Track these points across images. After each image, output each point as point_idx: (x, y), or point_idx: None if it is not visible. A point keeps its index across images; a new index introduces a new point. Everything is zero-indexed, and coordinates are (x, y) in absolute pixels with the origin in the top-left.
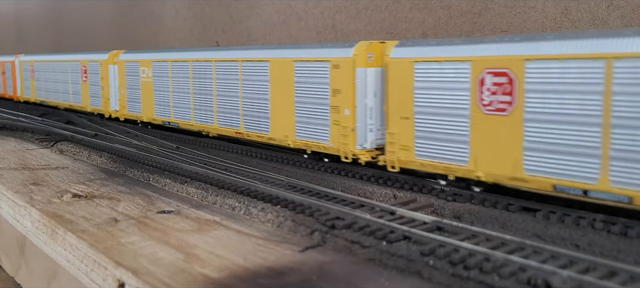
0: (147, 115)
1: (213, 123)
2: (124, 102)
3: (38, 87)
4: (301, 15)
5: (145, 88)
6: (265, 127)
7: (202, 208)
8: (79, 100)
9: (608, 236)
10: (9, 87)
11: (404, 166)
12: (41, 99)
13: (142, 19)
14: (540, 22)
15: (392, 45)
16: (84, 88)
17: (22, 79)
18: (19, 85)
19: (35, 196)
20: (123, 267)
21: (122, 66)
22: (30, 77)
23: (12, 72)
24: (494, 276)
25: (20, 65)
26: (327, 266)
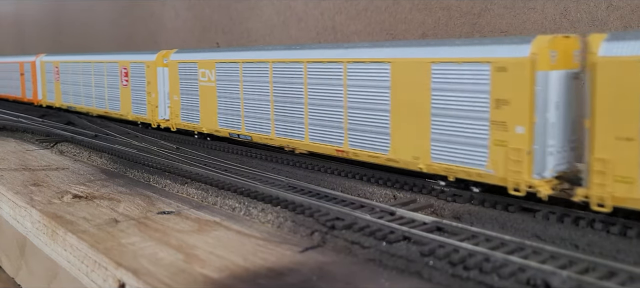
0: (208, 126)
1: (302, 137)
2: (176, 110)
3: (64, 91)
4: (301, 16)
5: (206, 94)
6: (384, 144)
7: (202, 209)
8: (118, 106)
9: (607, 236)
10: (29, 90)
11: (623, 205)
12: (68, 105)
13: (142, 19)
14: (540, 23)
15: (601, 39)
16: (124, 93)
17: (44, 81)
18: (41, 89)
19: (36, 197)
20: (123, 267)
21: (175, 68)
22: (55, 79)
23: (32, 74)
24: (494, 276)
25: (41, 66)
26: (327, 266)
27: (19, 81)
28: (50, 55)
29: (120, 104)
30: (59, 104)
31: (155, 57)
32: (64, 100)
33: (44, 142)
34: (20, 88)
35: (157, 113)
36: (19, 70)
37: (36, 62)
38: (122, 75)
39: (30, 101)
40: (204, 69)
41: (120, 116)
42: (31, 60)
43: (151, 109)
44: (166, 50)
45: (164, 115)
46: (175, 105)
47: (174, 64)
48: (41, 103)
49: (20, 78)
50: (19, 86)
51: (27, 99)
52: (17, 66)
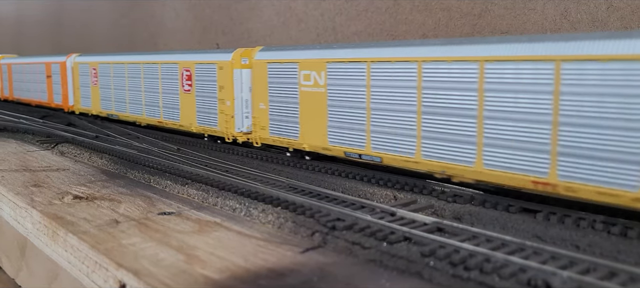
0: (312, 142)
1: (471, 161)
2: (263, 121)
3: (104, 97)
4: (301, 17)
5: (310, 102)
6: None
7: (202, 209)
8: (176, 116)
9: (608, 237)
10: (57, 95)
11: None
12: (109, 112)
13: (142, 20)
14: (540, 23)
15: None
16: (186, 100)
17: (77, 85)
18: (72, 93)
19: (36, 198)
20: (124, 268)
21: (262, 69)
22: (92, 83)
23: (62, 76)
24: (495, 277)
25: (74, 67)
26: (327, 267)
27: (45, 84)
28: (86, 56)
29: (181, 113)
30: (96, 111)
31: (232, 56)
32: (104, 107)
33: (45, 143)
34: (47, 92)
35: (234, 124)
36: (45, 72)
37: (67, 63)
38: (183, 79)
39: (58, 107)
40: (309, 71)
41: (180, 127)
42: (60, 60)
43: (225, 119)
44: (245, 48)
45: (241, 127)
46: (262, 115)
47: (260, 65)
48: (73, 109)
49: (46, 81)
50: (45, 90)
51: (54, 104)
52: (42, 67)
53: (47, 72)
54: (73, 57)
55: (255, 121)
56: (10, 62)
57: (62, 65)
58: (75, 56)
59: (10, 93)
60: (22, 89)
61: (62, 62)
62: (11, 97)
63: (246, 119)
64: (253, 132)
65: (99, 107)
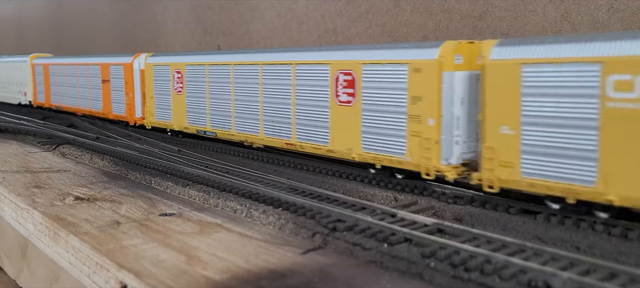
0: None
1: None
2: (509, 153)
3: (193, 108)
4: (302, 19)
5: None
6: None
7: (203, 211)
8: (324, 137)
9: (609, 238)
10: (118, 104)
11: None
12: (201, 128)
13: (143, 22)
14: (541, 25)
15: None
16: (341, 115)
17: (149, 92)
18: (142, 103)
19: (38, 199)
20: (125, 269)
21: (509, 74)
22: (175, 90)
23: (127, 81)
24: (495, 278)
25: (147, 70)
26: (328, 268)
27: (99, 91)
28: (164, 55)
29: (332, 134)
30: (179, 126)
31: (440, 53)
32: (193, 122)
33: (46, 145)
34: (103, 100)
35: (438, 153)
36: (100, 75)
37: (134, 64)
38: (338, 86)
39: (118, 118)
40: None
41: (330, 153)
42: (124, 61)
43: (422, 145)
44: (461, 41)
45: (449, 158)
46: (505, 145)
47: (505, 68)
48: (142, 123)
49: (102, 86)
50: (99, 97)
51: (114, 115)
52: (95, 70)
53: (104, 75)
54: (143, 57)
55: (490, 153)
56: (47, 63)
57: (127, 67)
58: (146, 56)
59: (46, 99)
60: (63, 95)
61: (127, 63)
62: (47, 104)
63: (457, 145)
64: (485, 169)
65: (183, 121)
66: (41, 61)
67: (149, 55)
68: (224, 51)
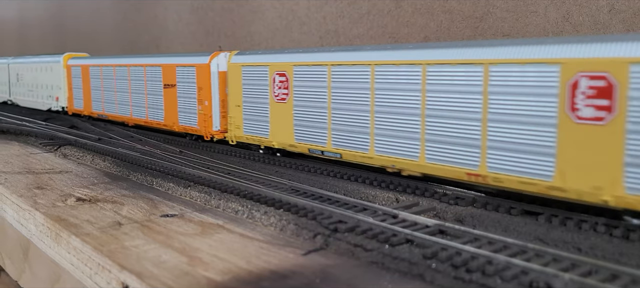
0: None
1: None
2: None
3: (304, 121)
4: (304, 20)
5: None
6: None
7: (205, 212)
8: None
9: (610, 239)
10: (187, 114)
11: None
12: (324, 148)
13: (145, 23)
14: (542, 26)
15: (233, 54)
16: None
17: (235, 99)
18: (220, 114)
19: (40, 200)
20: (127, 270)
21: None
22: (278, 97)
23: (201, 87)
24: (496, 279)
25: (231, 71)
26: (329, 269)
27: (159, 97)
28: (258, 54)
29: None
30: (283, 143)
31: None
32: (309, 140)
33: (48, 146)
34: (165, 109)
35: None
36: (161, 79)
37: (212, 65)
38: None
39: (188, 131)
40: None
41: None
42: (198, 62)
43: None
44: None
45: None
46: None
47: None
48: (221, 137)
49: (163, 92)
50: (160, 105)
51: (181, 127)
52: (157, 72)
53: (167, 78)
54: (223, 56)
55: None
56: (87, 63)
57: (202, 69)
58: (230, 55)
59: (85, 106)
60: (109, 102)
61: (203, 64)
62: (87, 111)
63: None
64: None
65: (288, 138)
66: (79, 62)
67: (233, 53)
68: (355, 47)
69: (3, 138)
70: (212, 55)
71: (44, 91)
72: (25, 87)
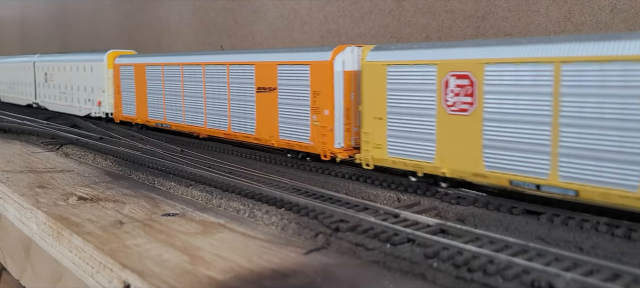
0: None
1: None
2: None
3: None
4: (305, 19)
5: None
6: None
7: (206, 211)
8: None
9: (612, 239)
10: (297, 126)
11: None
12: (547, 181)
13: (147, 23)
14: (544, 25)
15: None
16: None
17: (380, 109)
18: (344, 128)
19: (41, 199)
20: (129, 268)
21: None
22: (454, 107)
23: (320, 89)
24: (498, 278)
25: (374, 72)
26: (331, 268)
27: (250, 104)
28: (412, 49)
29: None
30: (465, 169)
31: None
32: (515, 166)
33: (49, 145)
34: (257, 118)
35: None
36: (254, 81)
37: (336, 63)
38: None
39: (295, 147)
40: None
41: None
42: (317, 58)
43: None
44: None
45: None
46: None
47: None
48: (357, 159)
49: (256, 98)
50: (251, 113)
51: (282, 142)
52: (247, 72)
53: (262, 80)
54: (350, 51)
55: None
56: (143, 62)
57: (320, 68)
58: (364, 50)
59: (139, 112)
60: (174, 109)
61: (323, 62)
62: (141, 118)
63: None
64: None
65: (474, 162)
66: (131, 61)
67: (369, 48)
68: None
69: (5, 137)
70: (335, 49)
71: (81, 94)
72: (56, 89)
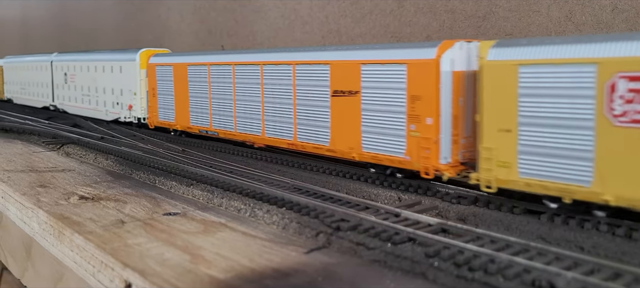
0: None
1: None
2: None
3: None
4: (306, 19)
5: None
6: None
7: (207, 210)
8: None
9: (613, 238)
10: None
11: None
12: None
13: (148, 23)
14: (545, 25)
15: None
16: None
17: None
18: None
19: (43, 198)
20: (130, 268)
21: None
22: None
23: (421, 94)
24: (499, 277)
25: (499, 73)
26: (332, 267)
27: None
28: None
29: None
30: None
31: None
32: None
33: (50, 144)
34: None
35: None
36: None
37: (443, 61)
38: None
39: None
40: None
41: None
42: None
43: None
44: None
45: None
46: None
47: None
48: (481, 181)
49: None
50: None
51: (366, 155)
52: (321, 73)
53: (342, 82)
54: (459, 47)
55: None
56: (184, 62)
57: (421, 68)
58: (485, 48)
59: (179, 118)
60: (222, 114)
61: (426, 61)
62: (181, 125)
63: None
64: None
65: None
66: (169, 60)
67: (489, 44)
68: None
69: (6, 136)
70: (441, 45)
71: (107, 97)
72: (78, 90)
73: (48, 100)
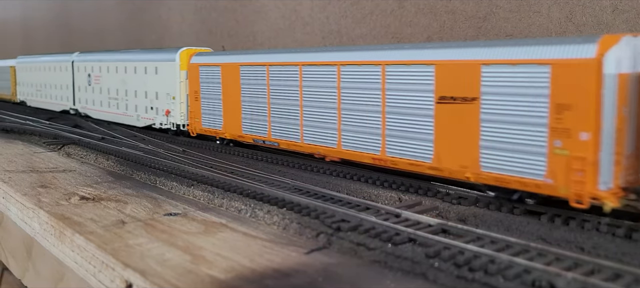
0: None
1: None
2: None
3: None
4: (307, 20)
5: None
6: None
7: (208, 210)
8: None
9: (613, 239)
10: (514, 153)
11: None
12: None
13: (149, 23)
14: (545, 26)
15: None
16: None
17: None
18: None
19: (43, 198)
20: (131, 268)
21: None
22: None
23: (576, 102)
24: (499, 278)
25: None
26: (332, 268)
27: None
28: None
29: None
30: None
31: None
32: None
33: (51, 145)
34: (438, 140)
35: None
36: (433, 90)
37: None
38: None
39: (509, 185)
40: None
41: None
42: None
43: None
44: None
45: None
46: None
47: None
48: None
49: (435, 111)
50: (428, 133)
51: (487, 176)
52: (424, 75)
53: (451, 88)
54: (626, 43)
55: None
56: (236, 61)
57: (570, 71)
58: None
59: (227, 125)
60: (286, 123)
61: (579, 62)
62: (231, 133)
63: None
64: None
65: None
66: (217, 59)
67: None
68: None
69: (7, 137)
70: (602, 41)
71: (139, 101)
72: (104, 93)
73: (68, 104)
